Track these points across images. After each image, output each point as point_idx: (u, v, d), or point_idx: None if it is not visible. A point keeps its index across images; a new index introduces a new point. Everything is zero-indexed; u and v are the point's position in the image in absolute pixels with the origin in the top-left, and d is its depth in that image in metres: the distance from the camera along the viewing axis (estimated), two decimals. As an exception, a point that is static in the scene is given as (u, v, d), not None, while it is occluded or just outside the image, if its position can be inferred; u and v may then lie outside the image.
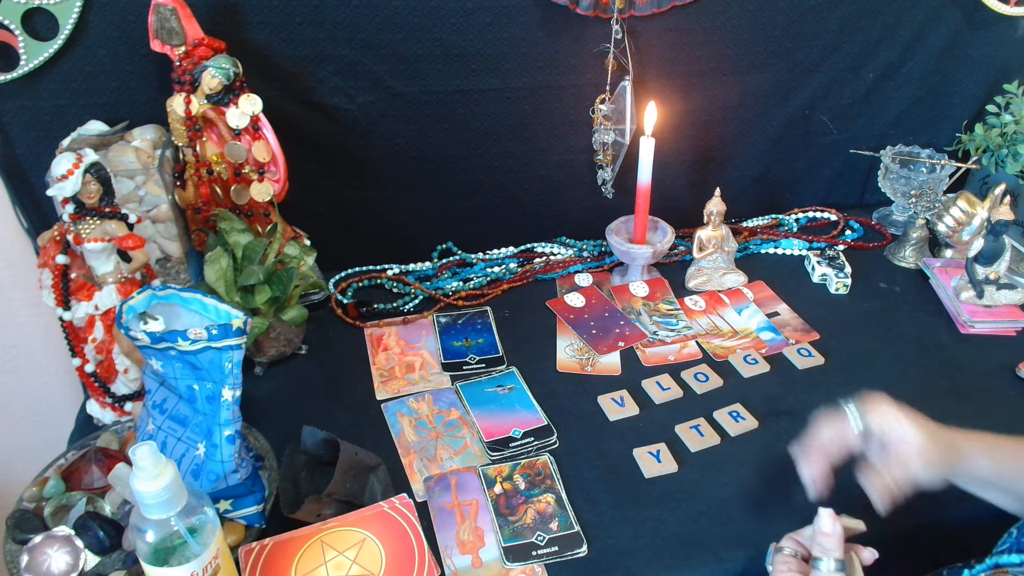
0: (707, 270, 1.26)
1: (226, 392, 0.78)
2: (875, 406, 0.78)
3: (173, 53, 1.01)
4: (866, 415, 0.78)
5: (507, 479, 0.92)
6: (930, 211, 1.29)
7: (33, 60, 1.01)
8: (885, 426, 0.77)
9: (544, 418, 1.01)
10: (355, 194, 1.26)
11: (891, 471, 0.76)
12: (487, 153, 1.27)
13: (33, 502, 0.86)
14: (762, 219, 1.45)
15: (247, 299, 1.03)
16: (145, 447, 0.63)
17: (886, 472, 0.76)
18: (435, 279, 1.28)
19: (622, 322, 1.18)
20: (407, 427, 1.00)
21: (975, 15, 1.32)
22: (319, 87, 1.15)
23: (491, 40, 1.16)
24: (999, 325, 1.16)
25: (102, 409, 1.01)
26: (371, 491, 0.89)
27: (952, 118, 1.44)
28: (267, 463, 0.92)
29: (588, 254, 1.35)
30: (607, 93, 1.25)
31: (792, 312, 1.21)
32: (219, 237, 1.05)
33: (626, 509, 0.89)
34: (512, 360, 1.11)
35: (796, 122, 1.38)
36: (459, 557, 0.83)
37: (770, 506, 0.89)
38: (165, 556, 0.66)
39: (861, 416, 0.78)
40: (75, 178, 0.89)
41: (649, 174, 1.16)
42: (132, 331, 0.77)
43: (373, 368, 1.10)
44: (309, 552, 0.80)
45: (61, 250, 0.93)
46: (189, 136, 1.04)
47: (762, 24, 1.25)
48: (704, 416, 1.01)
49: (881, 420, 0.77)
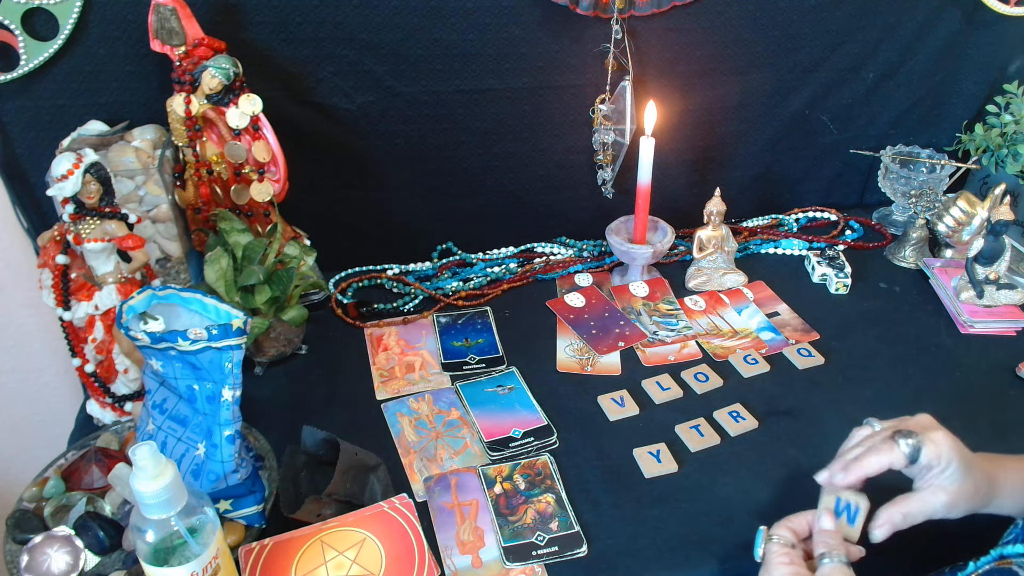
0: (707, 270, 1.26)
1: (226, 392, 0.78)
2: (931, 437, 0.73)
3: (173, 53, 1.01)
4: (920, 451, 0.72)
5: (507, 479, 0.92)
6: (930, 211, 1.29)
7: (33, 60, 1.01)
8: (934, 460, 0.72)
9: (544, 418, 1.01)
10: (355, 194, 1.26)
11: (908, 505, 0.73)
12: (487, 153, 1.27)
13: (33, 502, 0.86)
14: (762, 219, 1.45)
15: (247, 299, 1.03)
16: (145, 447, 0.63)
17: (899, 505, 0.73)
18: (435, 279, 1.28)
19: (622, 322, 1.18)
20: (407, 427, 1.00)
21: (975, 15, 1.32)
22: (319, 87, 1.15)
23: (491, 40, 1.16)
24: (999, 325, 1.16)
25: (102, 409, 1.01)
26: (371, 491, 0.89)
27: (952, 118, 1.44)
28: (267, 463, 0.92)
29: (588, 254, 1.35)
30: (607, 93, 1.25)
31: (792, 312, 1.21)
32: (219, 237, 1.05)
33: (626, 509, 0.89)
34: (512, 360, 1.11)
35: (796, 122, 1.38)
36: (459, 557, 0.83)
37: (770, 505, 0.89)
38: (165, 556, 0.66)
39: (915, 452, 0.73)
40: (75, 178, 0.89)
41: (649, 174, 1.16)
42: (132, 331, 0.77)
43: (373, 368, 1.10)
44: (309, 552, 0.80)
45: (61, 250, 0.93)
46: (189, 136, 1.04)
47: (762, 24, 1.25)
48: (704, 416, 1.01)
49: (935, 454, 0.72)
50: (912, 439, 0.72)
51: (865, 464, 0.73)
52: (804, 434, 0.99)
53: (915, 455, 0.72)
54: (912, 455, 0.72)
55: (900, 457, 0.72)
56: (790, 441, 0.98)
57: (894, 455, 0.72)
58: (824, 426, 0.99)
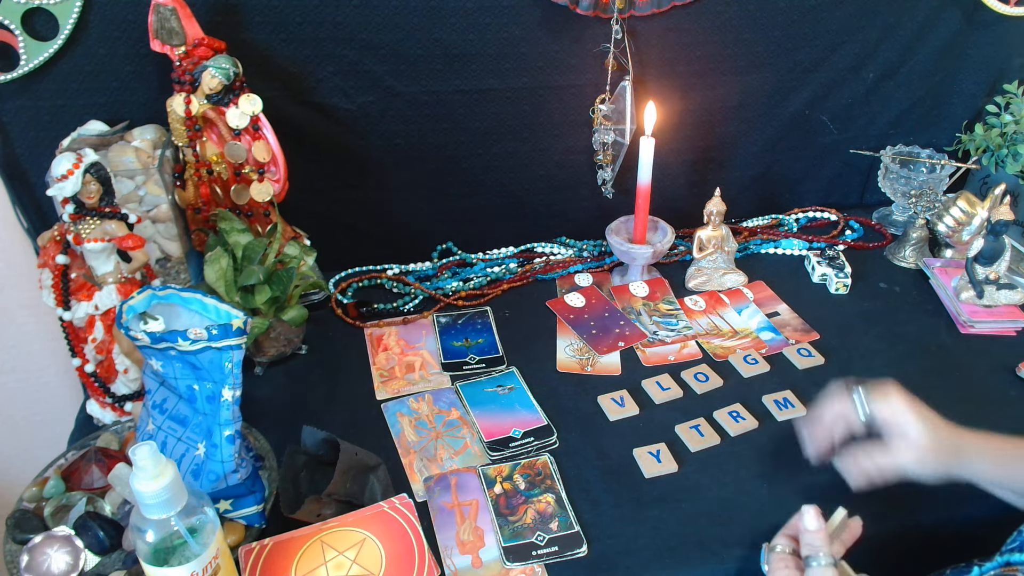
0: (707, 270, 1.26)
1: (226, 392, 0.78)
2: (883, 395, 0.78)
3: (173, 53, 1.01)
4: (873, 402, 0.78)
5: (507, 479, 0.92)
6: (930, 211, 1.29)
7: (33, 60, 1.01)
8: (889, 417, 0.77)
9: (544, 418, 1.01)
10: (355, 194, 1.26)
11: (878, 458, 0.77)
12: (487, 153, 1.27)
13: (33, 502, 0.86)
14: (762, 219, 1.45)
15: (247, 299, 1.03)
16: (145, 447, 0.63)
17: (873, 456, 0.77)
18: (435, 279, 1.28)
19: (622, 322, 1.18)
20: (407, 427, 1.00)
21: (975, 15, 1.32)
22: (319, 87, 1.15)
23: (491, 40, 1.16)
24: (999, 325, 1.16)
25: (102, 409, 1.01)
26: (371, 491, 0.89)
27: (952, 118, 1.44)
28: (267, 463, 0.92)
29: (588, 254, 1.35)
30: (607, 93, 1.25)
31: (792, 312, 1.21)
32: (219, 237, 1.05)
33: (626, 509, 0.89)
34: (512, 360, 1.11)
35: (796, 122, 1.38)
36: (459, 557, 0.83)
37: (770, 505, 0.89)
38: (165, 556, 0.66)
39: (868, 403, 0.78)
40: (75, 178, 0.89)
41: (649, 174, 1.16)
42: (132, 331, 0.77)
43: (373, 368, 1.10)
44: (309, 552, 0.80)
45: (61, 250, 0.93)
46: (189, 136, 1.04)
47: (762, 24, 1.25)
48: (704, 416, 1.01)
49: (887, 410, 0.77)
50: (863, 387, 0.78)
51: (824, 416, 0.80)
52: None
53: (868, 404, 0.77)
54: (862, 403, 0.78)
55: (852, 407, 0.78)
56: (790, 441, 0.97)
57: (846, 404, 0.79)
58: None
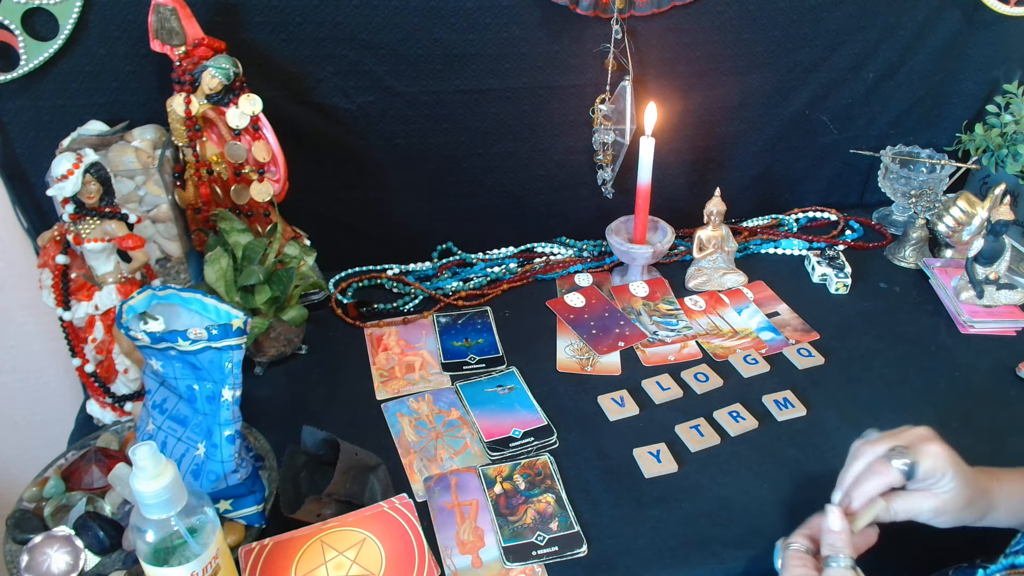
0: (707, 270, 1.26)
1: (226, 392, 0.78)
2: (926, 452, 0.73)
3: (173, 53, 1.01)
4: (917, 467, 0.72)
5: (507, 479, 0.92)
6: (930, 211, 1.29)
7: (33, 60, 1.01)
8: (930, 475, 0.73)
9: (544, 418, 1.01)
10: (355, 194, 1.26)
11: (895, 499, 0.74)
12: (487, 153, 1.27)
13: (33, 502, 0.86)
14: (762, 219, 1.45)
15: (247, 299, 1.03)
16: (145, 447, 0.63)
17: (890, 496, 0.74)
18: (435, 279, 1.28)
19: (622, 322, 1.18)
20: (407, 427, 1.00)
21: (975, 15, 1.32)
22: (319, 87, 1.15)
23: (491, 40, 1.16)
24: (999, 325, 1.16)
25: (102, 409, 1.01)
26: (371, 491, 0.89)
27: (952, 118, 1.44)
28: (267, 463, 0.92)
29: (588, 254, 1.35)
30: (607, 93, 1.25)
31: (792, 312, 1.21)
32: (219, 237, 1.05)
33: (626, 509, 0.89)
34: (512, 360, 1.11)
35: (796, 122, 1.38)
36: (459, 557, 0.83)
37: (770, 505, 0.89)
38: (165, 556, 0.66)
39: (911, 470, 0.73)
40: (75, 178, 0.89)
41: (649, 174, 1.16)
42: (132, 331, 0.77)
43: (373, 368, 1.10)
44: (309, 552, 0.80)
45: (61, 250, 0.93)
46: (189, 136, 1.04)
47: (762, 24, 1.25)
48: (704, 416, 1.01)
49: (931, 469, 0.73)
50: (906, 458, 0.73)
51: (865, 489, 0.74)
52: (804, 434, 0.99)
53: (911, 473, 0.73)
54: (908, 473, 0.73)
55: (897, 476, 0.73)
56: (790, 441, 0.98)
57: (891, 476, 0.73)
58: (824, 426, 1.00)
